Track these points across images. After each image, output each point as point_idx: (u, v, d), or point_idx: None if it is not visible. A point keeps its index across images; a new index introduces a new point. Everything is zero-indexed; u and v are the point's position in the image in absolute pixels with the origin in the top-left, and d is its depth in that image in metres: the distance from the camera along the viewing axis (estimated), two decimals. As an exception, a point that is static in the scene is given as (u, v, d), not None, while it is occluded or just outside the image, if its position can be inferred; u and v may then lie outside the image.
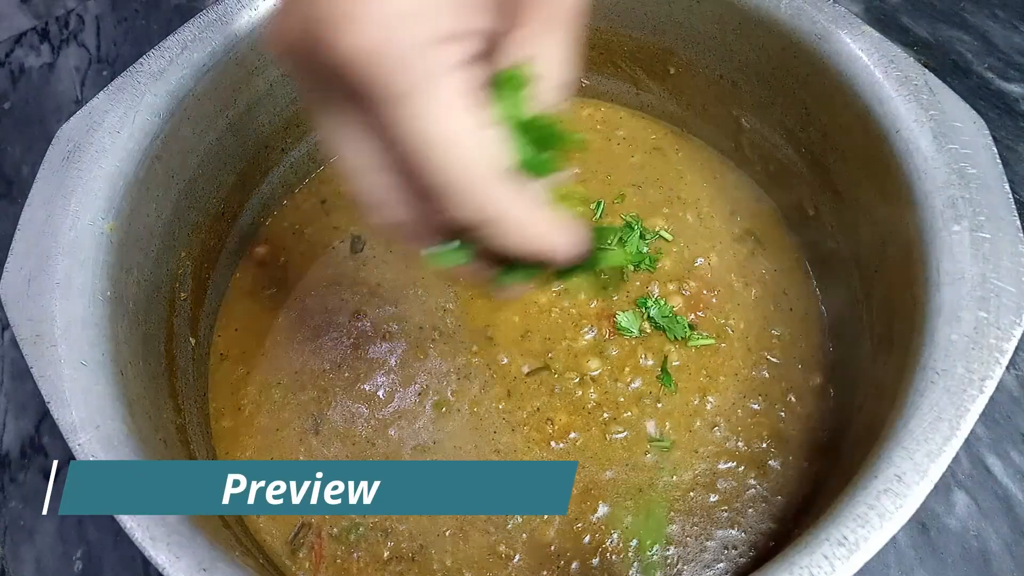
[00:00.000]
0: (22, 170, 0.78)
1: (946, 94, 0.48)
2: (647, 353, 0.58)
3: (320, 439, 0.56)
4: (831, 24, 0.52)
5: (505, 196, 0.31)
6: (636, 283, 0.61)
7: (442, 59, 0.28)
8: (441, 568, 0.52)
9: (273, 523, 0.54)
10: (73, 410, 0.41)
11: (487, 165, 0.30)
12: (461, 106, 0.29)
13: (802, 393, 0.57)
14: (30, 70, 0.84)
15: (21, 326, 0.43)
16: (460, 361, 0.58)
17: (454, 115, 0.29)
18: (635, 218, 0.63)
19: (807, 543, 0.37)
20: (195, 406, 0.56)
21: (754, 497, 0.53)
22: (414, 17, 0.27)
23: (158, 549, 0.38)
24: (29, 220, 0.47)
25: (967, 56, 0.77)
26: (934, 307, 0.43)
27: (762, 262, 0.62)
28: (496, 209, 0.31)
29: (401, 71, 0.27)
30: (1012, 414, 0.60)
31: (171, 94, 0.51)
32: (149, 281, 0.52)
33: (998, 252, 0.43)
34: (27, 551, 0.59)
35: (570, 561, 0.51)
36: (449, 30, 0.28)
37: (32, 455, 0.63)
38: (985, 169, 0.45)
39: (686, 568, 0.51)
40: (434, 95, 0.28)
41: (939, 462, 0.38)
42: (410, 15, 0.27)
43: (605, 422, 0.56)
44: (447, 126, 0.28)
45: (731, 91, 0.62)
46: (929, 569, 0.55)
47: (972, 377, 0.40)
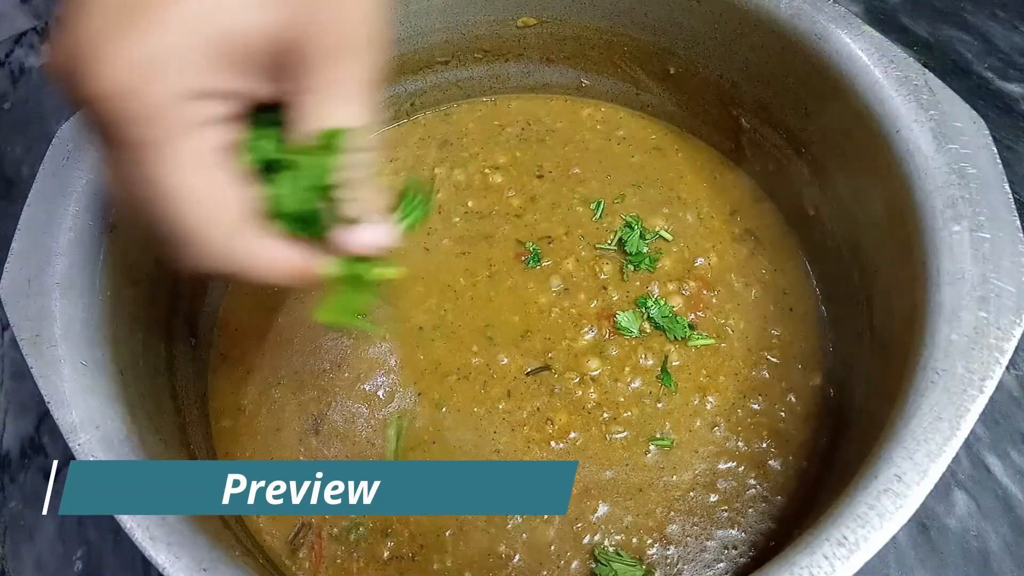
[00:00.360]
0: (22, 170, 0.78)
1: (946, 94, 0.48)
2: (647, 353, 0.58)
3: (320, 439, 0.56)
4: (831, 24, 0.52)
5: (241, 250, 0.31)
6: (636, 283, 0.61)
7: (191, 115, 0.28)
8: (441, 568, 0.52)
9: (273, 523, 0.54)
10: (73, 410, 0.41)
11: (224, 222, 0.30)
12: (203, 163, 0.29)
13: (802, 393, 0.57)
14: (30, 70, 0.84)
15: (21, 326, 0.43)
16: (460, 361, 0.58)
17: (192, 172, 0.28)
18: (635, 218, 0.63)
19: (807, 543, 0.37)
20: (195, 406, 0.56)
21: (754, 497, 0.53)
22: (167, 68, 0.26)
23: (158, 549, 0.38)
24: (29, 220, 0.47)
25: (967, 56, 0.77)
26: (934, 307, 0.43)
27: (762, 262, 0.62)
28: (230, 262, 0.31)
29: (146, 120, 0.27)
30: (1012, 414, 0.60)
31: (171, 94, 0.51)
32: (149, 281, 0.52)
33: (998, 252, 0.43)
34: (27, 551, 0.59)
35: (570, 561, 0.51)
36: (203, 87, 0.28)
37: (32, 455, 0.63)
38: (985, 169, 0.45)
39: (686, 568, 0.51)
40: (176, 149, 0.28)
41: (939, 462, 0.38)
42: (163, 66, 0.26)
43: (605, 422, 0.56)
44: (182, 181, 0.28)
45: (731, 91, 0.62)
46: (929, 569, 0.55)
47: (972, 377, 0.40)
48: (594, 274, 0.61)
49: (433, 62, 0.69)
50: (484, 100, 0.73)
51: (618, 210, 0.64)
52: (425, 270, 0.62)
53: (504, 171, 0.68)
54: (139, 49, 0.26)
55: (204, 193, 0.29)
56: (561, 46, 0.68)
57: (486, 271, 0.62)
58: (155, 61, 0.26)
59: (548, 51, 0.69)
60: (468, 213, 0.66)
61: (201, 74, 0.27)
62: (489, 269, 0.62)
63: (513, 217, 0.65)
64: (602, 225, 0.64)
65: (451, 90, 0.72)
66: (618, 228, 0.63)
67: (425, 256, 0.63)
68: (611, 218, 0.64)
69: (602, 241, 0.63)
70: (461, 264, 0.63)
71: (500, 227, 0.64)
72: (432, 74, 0.70)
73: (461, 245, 0.64)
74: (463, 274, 0.62)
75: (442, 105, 0.73)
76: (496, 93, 0.73)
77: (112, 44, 0.26)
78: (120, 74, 0.26)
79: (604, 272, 0.61)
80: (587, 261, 0.62)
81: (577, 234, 0.64)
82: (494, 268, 0.62)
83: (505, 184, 0.67)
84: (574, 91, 0.72)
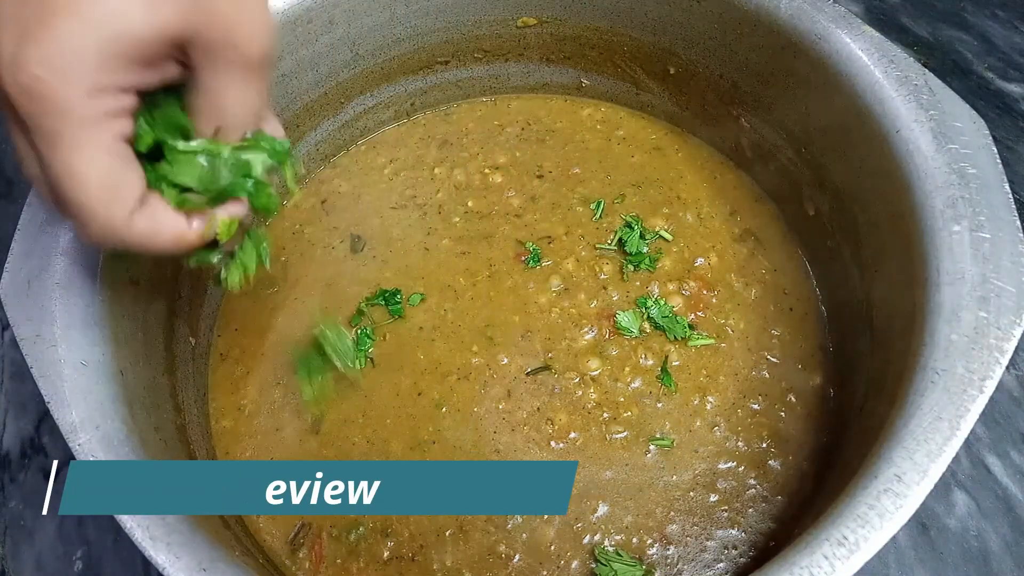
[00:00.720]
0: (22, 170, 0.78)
1: (946, 94, 0.48)
2: (647, 353, 0.58)
3: (320, 439, 0.56)
4: (831, 24, 0.52)
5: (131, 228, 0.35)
6: (636, 283, 0.61)
7: (94, 107, 0.32)
8: (441, 568, 0.52)
9: (273, 523, 0.54)
10: (73, 410, 0.41)
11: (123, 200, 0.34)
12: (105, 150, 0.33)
13: (802, 393, 0.57)
14: (30, 70, 0.84)
15: (21, 326, 0.43)
16: (460, 361, 0.58)
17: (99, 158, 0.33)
18: (635, 218, 0.63)
19: (807, 543, 0.37)
20: (195, 406, 0.56)
21: (754, 497, 0.53)
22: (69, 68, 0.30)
23: (158, 549, 0.38)
24: (29, 220, 0.47)
25: (967, 56, 0.77)
26: (934, 307, 0.43)
27: (762, 262, 0.62)
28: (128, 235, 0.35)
29: (52, 112, 0.31)
30: (1012, 414, 0.60)
31: (171, 94, 0.51)
32: (149, 281, 0.52)
33: (998, 252, 0.43)
34: (27, 551, 0.59)
35: (570, 561, 0.51)
36: (102, 83, 0.31)
37: (32, 455, 0.63)
38: (985, 169, 0.45)
39: (686, 568, 0.51)
40: (81, 138, 0.32)
41: (939, 462, 0.38)
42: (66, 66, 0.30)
43: (605, 422, 0.56)
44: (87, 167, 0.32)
45: (731, 91, 0.62)
46: (929, 569, 0.55)
47: (972, 377, 0.40)
48: (594, 274, 0.61)
49: (433, 62, 0.69)
50: (484, 100, 0.73)
51: (618, 210, 0.64)
52: (425, 270, 0.62)
53: (504, 171, 0.68)
54: (41, 52, 0.30)
55: (107, 176, 0.33)
56: (561, 46, 0.68)
57: (486, 271, 0.62)
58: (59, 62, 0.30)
59: (548, 51, 0.69)
60: (468, 213, 0.66)
61: (100, 72, 0.31)
62: (489, 269, 0.62)
63: (513, 217, 0.65)
64: (602, 225, 0.64)
65: (451, 90, 0.72)
66: (618, 228, 0.63)
67: (425, 256, 0.63)
68: (611, 218, 0.64)
69: (602, 241, 0.63)
70: (461, 264, 0.63)
71: (500, 227, 0.64)
72: (432, 74, 0.70)
73: (461, 245, 0.64)
74: (463, 274, 0.62)
75: (442, 105, 0.73)
76: (496, 93, 0.73)
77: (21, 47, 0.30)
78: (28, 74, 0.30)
79: (604, 272, 0.61)
80: (587, 261, 0.62)
81: (577, 234, 0.64)
82: (494, 268, 0.62)
83: (505, 184, 0.67)
84: (574, 91, 0.72)
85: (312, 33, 0.59)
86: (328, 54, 0.61)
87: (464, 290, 0.61)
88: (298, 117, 0.63)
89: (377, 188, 0.68)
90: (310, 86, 0.62)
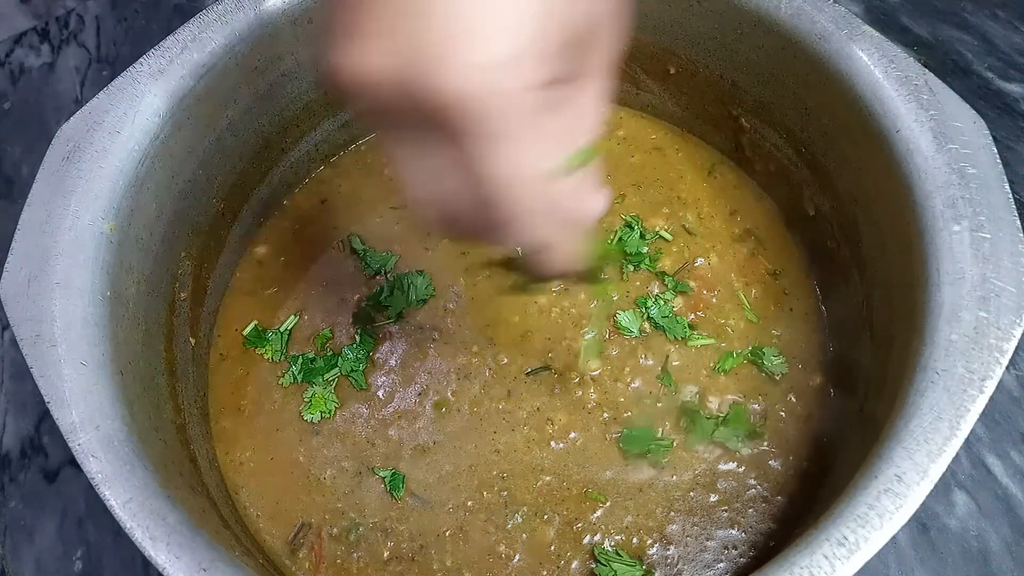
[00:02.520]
0: (22, 170, 0.78)
1: (946, 94, 0.48)
2: (647, 353, 0.58)
3: (320, 439, 0.56)
4: (831, 24, 0.52)
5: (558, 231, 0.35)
6: (636, 283, 0.61)
7: (531, 105, 0.30)
8: (441, 568, 0.52)
9: (273, 523, 0.54)
10: (73, 410, 0.41)
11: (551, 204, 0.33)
12: (540, 151, 0.32)
13: (802, 393, 0.57)
14: (30, 70, 0.84)
15: (21, 326, 0.43)
16: (460, 361, 0.58)
17: (533, 159, 0.31)
18: (635, 218, 0.63)
19: (807, 543, 0.37)
20: (195, 406, 0.56)
21: (754, 497, 0.53)
22: (512, 64, 0.29)
23: (158, 549, 0.38)
24: (29, 220, 0.47)
25: (967, 56, 0.77)
26: (934, 307, 0.43)
27: (762, 262, 0.62)
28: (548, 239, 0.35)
29: (497, 115, 0.29)
30: (1012, 414, 0.60)
31: (171, 94, 0.51)
32: (149, 281, 0.52)
33: (998, 252, 0.43)
34: (27, 551, 0.59)
35: (570, 561, 0.51)
36: (539, 78, 0.30)
37: (32, 455, 0.63)
38: (985, 169, 0.45)
39: (686, 568, 0.51)
40: (522, 139, 0.30)
41: (939, 462, 0.38)
42: (509, 62, 0.29)
43: (605, 422, 0.56)
44: (527, 169, 0.31)
45: (731, 91, 0.62)
46: (929, 569, 0.55)
47: (972, 377, 0.40)
48: (594, 274, 0.61)
49: (433, 62, 0.69)
50: (484, 100, 0.73)
51: (618, 210, 0.64)
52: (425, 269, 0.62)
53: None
54: (490, 52, 0.28)
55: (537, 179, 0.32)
56: (561, 46, 0.68)
57: (486, 271, 0.62)
58: (501, 58, 0.28)
59: (548, 51, 0.69)
60: (468, 213, 0.65)
61: (536, 65, 0.30)
62: (489, 269, 0.62)
63: (513, 217, 0.65)
64: (602, 225, 0.64)
65: (451, 90, 0.72)
66: (618, 228, 0.63)
67: (425, 256, 0.63)
68: (611, 218, 0.64)
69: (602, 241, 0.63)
70: (461, 264, 0.63)
71: (500, 227, 0.64)
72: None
73: (461, 245, 0.64)
74: (463, 274, 0.62)
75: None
76: (496, 93, 0.73)
77: (465, 47, 0.28)
78: (474, 74, 0.28)
79: (604, 272, 0.61)
80: (587, 261, 0.62)
81: (577, 234, 0.63)
82: (494, 268, 0.62)
83: (505, 184, 0.67)
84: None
85: (312, 33, 0.59)
86: (328, 54, 0.61)
87: (464, 290, 0.61)
88: (298, 117, 0.63)
89: (377, 188, 0.67)
90: (310, 86, 0.62)
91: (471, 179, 0.32)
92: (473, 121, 0.29)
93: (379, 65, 0.29)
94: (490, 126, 0.30)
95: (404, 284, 0.61)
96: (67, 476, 0.62)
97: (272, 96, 0.60)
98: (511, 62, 0.29)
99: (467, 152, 0.31)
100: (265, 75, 0.58)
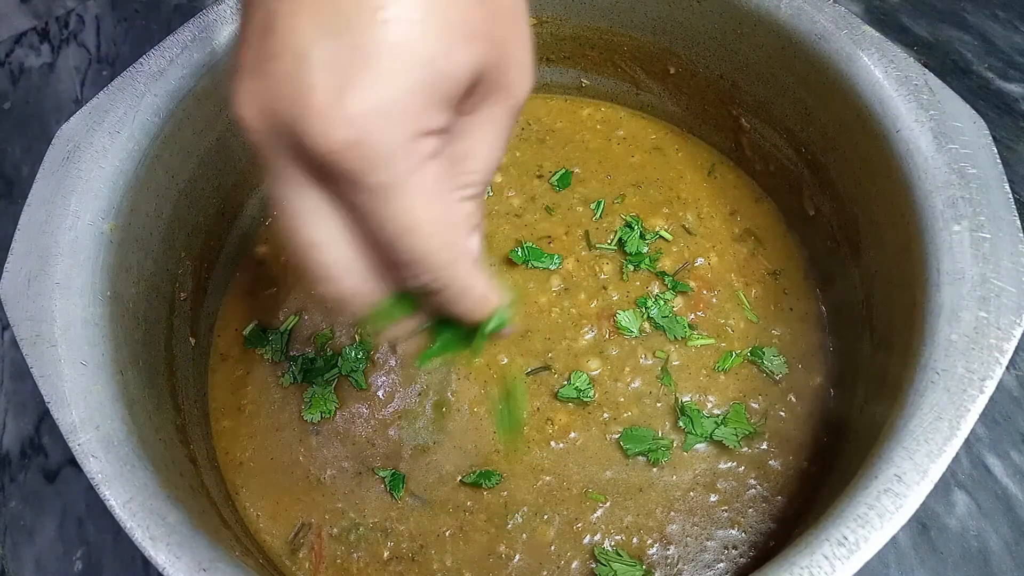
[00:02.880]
0: (22, 170, 0.78)
1: (946, 94, 0.48)
2: (647, 353, 0.58)
3: (320, 439, 0.56)
4: (831, 24, 0.52)
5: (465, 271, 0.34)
6: (636, 283, 0.61)
7: (419, 152, 0.30)
8: (441, 568, 0.52)
9: (273, 523, 0.54)
10: (73, 410, 0.41)
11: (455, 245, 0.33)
12: (435, 194, 0.31)
13: (802, 393, 0.57)
14: (30, 70, 0.84)
15: (21, 326, 0.43)
16: (460, 361, 0.58)
17: (429, 203, 0.31)
18: (635, 218, 0.63)
19: (807, 543, 0.37)
20: (195, 406, 0.56)
21: (754, 497, 0.53)
22: (394, 115, 0.28)
23: (158, 549, 0.38)
24: (29, 220, 0.47)
25: (967, 56, 0.77)
26: (934, 307, 0.43)
27: (762, 262, 0.62)
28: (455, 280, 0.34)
29: (383, 164, 0.29)
30: (1012, 414, 0.60)
31: (171, 94, 0.51)
32: (149, 281, 0.52)
33: (998, 252, 0.43)
34: (27, 551, 0.59)
35: (570, 561, 0.51)
36: (425, 126, 0.29)
37: (32, 455, 0.63)
38: (985, 169, 0.45)
39: (686, 568, 0.51)
40: (412, 185, 0.30)
41: (939, 462, 0.38)
42: (391, 113, 0.28)
43: (605, 422, 0.56)
44: (423, 214, 0.31)
45: (731, 91, 0.62)
46: (929, 569, 0.55)
47: (972, 377, 0.40)
48: (594, 274, 0.61)
49: (433, 62, 0.69)
50: (484, 100, 0.73)
51: (618, 210, 0.64)
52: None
53: (504, 171, 0.68)
54: (368, 101, 0.27)
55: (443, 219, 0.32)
56: (561, 46, 0.68)
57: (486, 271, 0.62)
58: (384, 110, 0.28)
59: (548, 51, 0.69)
60: (468, 213, 0.65)
61: (421, 116, 0.29)
62: (489, 269, 0.62)
63: (513, 217, 0.65)
64: (602, 225, 0.64)
65: (451, 90, 0.72)
66: (618, 228, 0.63)
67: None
68: (611, 218, 0.64)
69: (602, 241, 0.63)
70: (461, 264, 0.63)
71: (500, 227, 0.64)
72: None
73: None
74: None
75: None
76: (496, 93, 0.73)
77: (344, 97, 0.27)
78: (354, 126, 0.28)
79: (604, 272, 0.61)
80: (587, 261, 0.62)
81: (577, 234, 0.64)
82: (494, 268, 0.62)
83: (505, 184, 0.67)
84: (574, 91, 0.72)
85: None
86: (328, 54, 0.62)
87: (464, 290, 0.61)
88: (298, 117, 0.63)
89: (377, 188, 0.67)
90: (310, 86, 0.62)
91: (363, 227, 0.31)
92: (358, 171, 0.29)
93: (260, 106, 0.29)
94: (376, 176, 0.29)
95: None
96: (67, 476, 0.62)
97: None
98: (394, 109, 0.28)
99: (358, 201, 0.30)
100: (265, 75, 0.58)
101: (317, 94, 0.27)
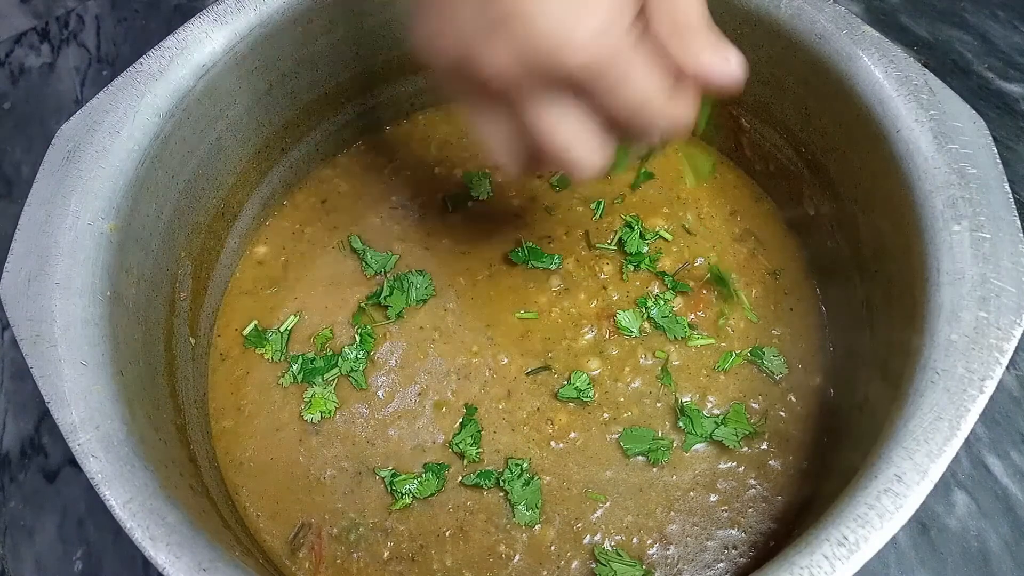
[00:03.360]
0: (22, 170, 0.78)
1: (946, 94, 0.48)
2: (647, 353, 0.58)
3: (320, 439, 0.56)
4: (831, 24, 0.52)
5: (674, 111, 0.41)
6: (636, 283, 0.61)
7: (630, 43, 0.37)
8: (441, 568, 0.52)
9: (273, 523, 0.54)
10: (73, 410, 0.41)
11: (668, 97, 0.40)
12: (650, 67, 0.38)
13: (802, 393, 0.57)
14: (30, 70, 0.84)
15: (21, 326, 0.43)
16: (460, 361, 0.58)
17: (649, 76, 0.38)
18: (635, 218, 0.63)
19: (807, 543, 0.37)
20: (195, 406, 0.56)
21: (754, 497, 0.53)
22: (610, 28, 0.36)
23: (158, 549, 0.38)
24: (29, 220, 0.47)
25: (967, 56, 0.77)
26: (934, 307, 0.43)
27: (762, 262, 0.62)
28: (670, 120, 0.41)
29: (613, 65, 0.37)
30: (1012, 414, 0.60)
31: (171, 94, 0.51)
32: (149, 281, 0.52)
33: (998, 252, 0.43)
34: (27, 551, 0.59)
35: (570, 561, 0.52)
36: (628, 22, 0.37)
37: (32, 455, 0.63)
38: (985, 169, 0.45)
39: (686, 568, 0.51)
40: (636, 69, 0.38)
41: (939, 462, 0.38)
42: (608, 29, 0.36)
43: (605, 422, 0.56)
44: (647, 85, 0.38)
45: (731, 91, 0.62)
46: (929, 569, 0.55)
47: (972, 377, 0.40)
48: (594, 274, 0.61)
49: (433, 62, 0.69)
50: (484, 100, 0.73)
51: (618, 210, 0.64)
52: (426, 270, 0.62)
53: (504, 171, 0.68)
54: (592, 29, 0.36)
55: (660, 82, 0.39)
56: (561, 46, 0.68)
57: (486, 270, 0.62)
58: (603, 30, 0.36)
59: (548, 51, 0.69)
60: (469, 213, 0.66)
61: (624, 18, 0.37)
62: (489, 269, 0.62)
63: (513, 217, 0.65)
64: (602, 225, 0.64)
65: (451, 90, 0.72)
66: (618, 228, 0.63)
67: (425, 255, 0.63)
68: (611, 218, 0.64)
69: (602, 241, 0.63)
70: (461, 264, 0.63)
71: (500, 227, 0.64)
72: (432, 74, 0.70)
73: (461, 245, 0.64)
74: (463, 274, 0.62)
75: (442, 105, 0.73)
76: (496, 93, 0.73)
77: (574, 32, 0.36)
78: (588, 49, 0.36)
79: (604, 272, 0.61)
80: (587, 261, 0.62)
81: (577, 234, 0.64)
82: (494, 268, 0.62)
83: (505, 184, 0.67)
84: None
85: (312, 33, 0.58)
86: (328, 54, 0.61)
87: (464, 290, 0.61)
88: (298, 117, 0.63)
89: (377, 188, 0.67)
90: (310, 86, 0.62)
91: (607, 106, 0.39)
92: (598, 75, 0.37)
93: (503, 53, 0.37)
94: (612, 73, 0.37)
95: (404, 284, 0.61)
96: (67, 476, 0.62)
97: (272, 96, 0.60)
98: (609, 27, 0.36)
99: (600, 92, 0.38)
100: (265, 75, 0.58)
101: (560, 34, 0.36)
